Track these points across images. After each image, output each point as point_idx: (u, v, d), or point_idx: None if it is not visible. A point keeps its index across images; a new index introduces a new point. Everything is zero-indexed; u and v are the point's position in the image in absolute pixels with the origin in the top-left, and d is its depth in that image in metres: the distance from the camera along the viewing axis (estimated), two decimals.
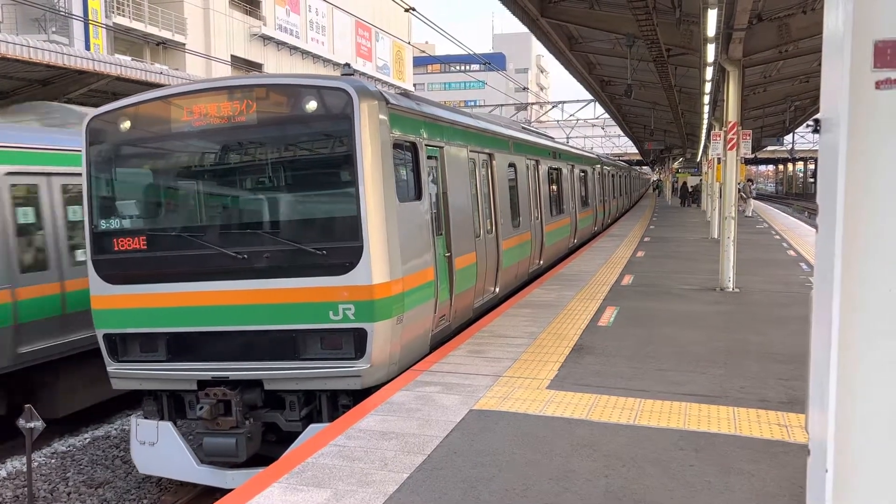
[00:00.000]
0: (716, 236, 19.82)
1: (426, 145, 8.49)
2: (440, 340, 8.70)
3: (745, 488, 4.69)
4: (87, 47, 31.93)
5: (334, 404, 7.17)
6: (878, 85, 2.39)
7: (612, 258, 17.30)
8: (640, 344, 8.59)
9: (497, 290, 11.53)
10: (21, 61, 13.00)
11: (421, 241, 7.97)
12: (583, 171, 22.33)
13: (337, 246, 6.97)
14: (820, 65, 2.67)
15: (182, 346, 7.33)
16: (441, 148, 9.14)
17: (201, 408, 6.96)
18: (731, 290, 12.49)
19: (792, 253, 18.19)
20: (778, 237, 22.63)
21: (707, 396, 6.59)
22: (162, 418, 7.58)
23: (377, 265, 6.89)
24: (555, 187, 17.54)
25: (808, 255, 17.24)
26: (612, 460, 5.17)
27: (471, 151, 10.47)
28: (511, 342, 8.70)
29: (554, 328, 9.47)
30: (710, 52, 12.77)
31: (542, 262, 15.41)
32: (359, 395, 6.95)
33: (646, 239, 22.32)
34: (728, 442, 5.50)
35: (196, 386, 7.24)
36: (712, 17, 10.64)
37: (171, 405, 7.62)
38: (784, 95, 27.80)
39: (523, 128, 17.46)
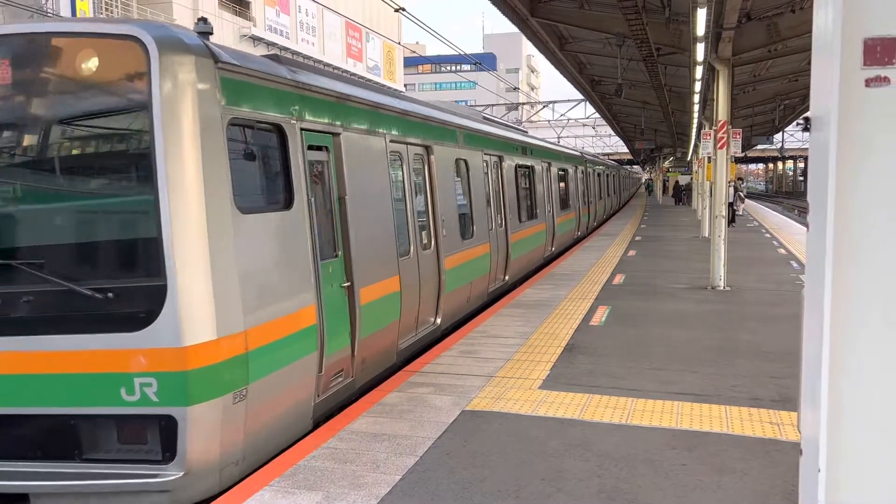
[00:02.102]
0: (706, 235, 19.88)
1: (305, 130, 6.12)
2: (338, 405, 6.57)
3: (737, 487, 4.69)
4: None
5: None
6: (867, 83, 2.38)
7: (603, 257, 17.32)
8: (632, 343, 8.60)
9: (439, 320, 9.30)
10: None
11: (289, 268, 5.67)
12: (562, 170, 20.30)
13: (128, 286, 4.72)
14: (809, 63, 2.67)
15: None
16: (336, 135, 6.72)
17: None
18: (722, 288, 12.52)
19: (782, 251, 18.26)
20: (768, 235, 22.73)
21: (699, 395, 6.59)
22: None
23: (193, 314, 4.65)
24: (526, 188, 15.44)
25: (799, 254, 17.32)
26: (605, 460, 5.16)
27: (393, 142, 8.08)
28: (503, 342, 8.69)
29: (546, 328, 9.47)
30: (700, 51, 12.81)
31: (507, 277, 13.23)
32: None
33: (637, 238, 22.38)
34: (720, 441, 5.50)
35: None
36: (701, 16, 10.67)
37: None
38: (773, 94, 27.97)
39: (485, 118, 14.89)
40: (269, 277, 5.42)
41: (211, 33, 5.54)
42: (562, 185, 20.27)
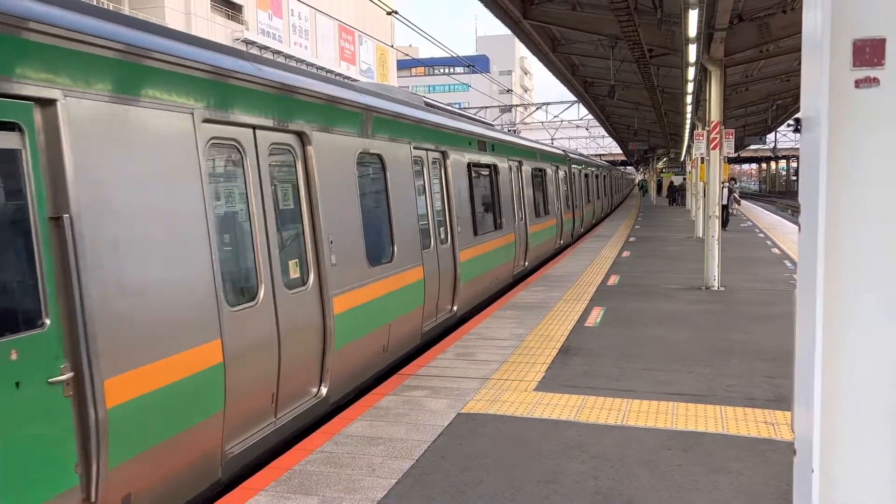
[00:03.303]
0: (700, 235, 19.93)
1: None
2: None
3: (732, 487, 4.70)
4: None
5: None
6: (857, 84, 2.39)
7: (597, 258, 17.35)
8: (627, 344, 8.61)
9: (324, 390, 6.50)
10: None
11: None
12: (539, 170, 17.74)
13: None
14: (800, 63, 2.68)
15: None
16: (48, 105, 3.76)
17: None
18: (716, 288, 12.55)
19: (776, 251, 18.31)
20: (762, 235, 22.79)
21: (694, 396, 6.60)
22: None
23: None
24: (485, 193, 12.83)
25: (792, 253, 17.36)
26: (601, 461, 5.16)
27: (212, 122, 5.15)
28: (498, 344, 8.69)
29: (541, 329, 9.47)
30: (692, 52, 12.86)
31: (455, 307, 10.42)
32: None
33: (631, 239, 22.41)
34: (715, 441, 5.51)
35: None
36: (693, 17, 10.71)
37: None
38: (766, 94, 28.10)
39: (427, 104, 11.40)
40: None
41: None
42: (539, 187, 17.78)
